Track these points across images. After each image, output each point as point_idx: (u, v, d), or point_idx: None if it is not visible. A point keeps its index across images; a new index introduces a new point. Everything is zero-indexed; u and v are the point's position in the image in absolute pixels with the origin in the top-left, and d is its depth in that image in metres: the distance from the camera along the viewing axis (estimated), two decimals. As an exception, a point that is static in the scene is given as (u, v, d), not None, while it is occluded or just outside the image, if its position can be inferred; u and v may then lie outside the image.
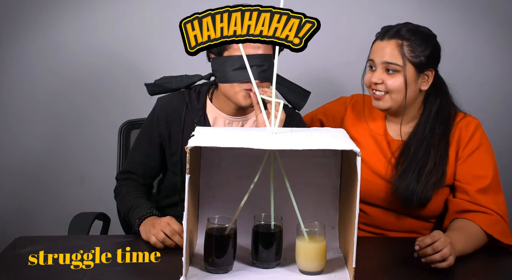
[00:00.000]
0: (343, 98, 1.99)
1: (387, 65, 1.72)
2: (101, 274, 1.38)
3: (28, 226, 2.56)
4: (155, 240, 1.52)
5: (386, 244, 1.72)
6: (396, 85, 1.71)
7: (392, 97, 1.73)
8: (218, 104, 1.81)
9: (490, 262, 1.59)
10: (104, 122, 2.52)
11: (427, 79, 1.75)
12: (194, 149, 1.22)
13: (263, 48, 1.67)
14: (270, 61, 1.69)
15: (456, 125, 1.76)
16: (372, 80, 1.74)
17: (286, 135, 1.31)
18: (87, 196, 2.56)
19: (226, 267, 1.35)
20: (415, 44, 1.71)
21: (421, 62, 1.72)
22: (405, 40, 1.71)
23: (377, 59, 1.74)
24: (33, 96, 2.50)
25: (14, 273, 1.37)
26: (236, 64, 1.66)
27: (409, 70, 1.71)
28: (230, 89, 1.71)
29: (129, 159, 1.87)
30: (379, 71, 1.74)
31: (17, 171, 2.55)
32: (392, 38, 1.72)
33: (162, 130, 1.80)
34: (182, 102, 1.81)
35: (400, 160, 1.76)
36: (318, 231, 1.36)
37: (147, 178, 1.85)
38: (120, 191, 1.80)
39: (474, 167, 1.71)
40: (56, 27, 2.46)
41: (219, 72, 1.71)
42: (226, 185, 1.47)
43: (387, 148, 1.81)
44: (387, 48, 1.72)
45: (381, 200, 1.79)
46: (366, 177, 1.77)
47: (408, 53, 1.70)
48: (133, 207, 1.70)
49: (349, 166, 1.35)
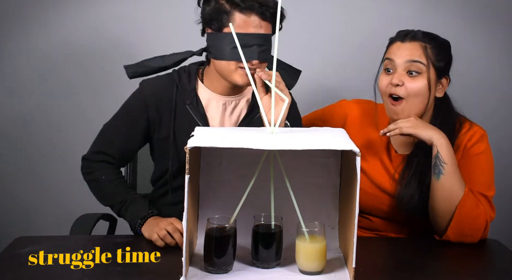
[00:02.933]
0: (344, 103, 1.91)
1: (410, 65, 1.65)
2: (101, 274, 1.38)
3: (28, 226, 2.56)
4: (156, 237, 1.53)
5: (386, 244, 1.72)
6: (418, 88, 1.65)
7: (409, 103, 1.66)
8: (210, 84, 1.75)
9: (490, 262, 1.59)
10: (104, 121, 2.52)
11: (442, 87, 1.71)
12: (194, 149, 1.22)
13: (264, 28, 1.62)
14: (269, 41, 1.64)
15: (461, 136, 1.70)
16: (392, 81, 1.66)
17: (286, 136, 1.31)
18: (87, 196, 2.55)
19: (226, 267, 1.35)
20: (437, 49, 1.67)
21: (441, 68, 1.68)
22: (427, 43, 1.67)
23: (398, 59, 1.67)
24: (31, 95, 2.50)
25: (14, 273, 1.37)
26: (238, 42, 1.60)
27: (431, 74, 1.66)
28: (226, 67, 1.64)
29: (105, 141, 1.78)
30: (399, 72, 1.67)
31: (17, 170, 2.55)
32: (416, 40, 1.67)
33: (151, 114, 1.73)
34: (172, 84, 1.74)
35: (404, 173, 1.72)
36: (318, 231, 1.36)
37: (123, 161, 1.82)
38: (98, 176, 1.74)
39: (470, 168, 1.67)
40: (49, 25, 2.46)
41: (216, 49, 1.65)
42: (226, 185, 1.47)
43: (389, 161, 1.77)
44: (411, 49, 1.66)
45: (384, 213, 1.77)
46: (368, 190, 1.76)
47: (431, 56, 1.66)
48: (127, 201, 1.68)
49: (349, 166, 1.35)
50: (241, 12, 1.60)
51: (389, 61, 1.70)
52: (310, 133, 1.39)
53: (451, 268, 1.46)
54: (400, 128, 1.62)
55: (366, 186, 1.77)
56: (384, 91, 1.71)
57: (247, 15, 1.60)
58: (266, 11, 1.60)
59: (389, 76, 1.69)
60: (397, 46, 1.70)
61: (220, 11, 1.62)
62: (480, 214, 1.60)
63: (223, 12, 1.61)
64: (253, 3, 1.60)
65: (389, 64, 1.69)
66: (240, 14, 1.60)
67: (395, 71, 1.68)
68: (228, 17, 1.61)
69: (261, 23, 1.62)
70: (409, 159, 1.73)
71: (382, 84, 1.71)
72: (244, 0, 1.60)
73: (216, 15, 1.63)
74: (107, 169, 1.76)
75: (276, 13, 1.43)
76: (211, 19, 1.64)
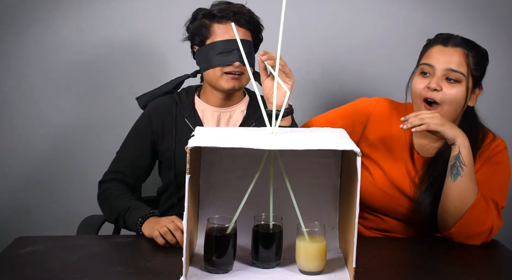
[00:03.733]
0: (367, 101, 1.85)
1: (449, 73, 1.62)
2: (101, 274, 1.38)
3: (28, 226, 2.56)
4: (157, 234, 1.53)
5: (386, 244, 1.71)
6: (455, 95, 1.62)
7: (444, 109, 1.63)
8: (205, 98, 1.89)
9: (490, 262, 1.59)
10: (104, 122, 2.52)
11: (475, 96, 1.69)
12: (194, 149, 1.22)
13: (241, 34, 1.76)
14: (249, 46, 1.78)
15: (486, 145, 1.69)
16: (430, 85, 1.62)
17: (286, 135, 1.31)
18: (88, 196, 2.55)
19: (226, 267, 1.35)
20: (478, 58, 1.65)
21: (478, 77, 1.66)
22: (469, 50, 1.64)
23: (439, 65, 1.63)
24: (33, 97, 2.50)
25: (14, 273, 1.37)
26: (219, 49, 1.76)
27: (469, 83, 1.63)
28: (213, 75, 1.79)
29: (117, 160, 1.87)
30: (439, 77, 1.63)
31: (17, 171, 2.55)
32: (459, 46, 1.64)
33: (155, 127, 1.85)
34: (173, 101, 1.88)
35: (424, 178, 1.70)
36: (318, 231, 1.36)
37: (135, 178, 1.85)
38: (110, 193, 1.77)
39: (488, 174, 1.65)
40: (55, 26, 2.46)
41: (203, 61, 1.80)
42: (226, 185, 1.47)
43: (411, 163, 1.75)
44: (454, 56, 1.63)
45: (402, 215, 1.75)
46: (388, 192, 1.74)
47: (472, 64, 1.63)
48: (131, 207, 1.69)
49: (349, 166, 1.35)
50: (219, 22, 1.78)
51: (427, 66, 1.66)
52: (310, 133, 1.39)
53: (451, 268, 1.46)
54: (428, 124, 1.56)
55: (385, 187, 1.75)
56: (418, 94, 1.67)
57: (224, 24, 1.78)
58: (241, 18, 1.77)
59: (426, 79, 1.66)
60: (438, 50, 1.66)
61: (201, 26, 1.80)
62: (487, 220, 1.59)
63: (203, 26, 1.80)
64: (228, 12, 1.77)
65: (427, 68, 1.66)
66: (218, 24, 1.78)
67: (433, 75, 1.64)
68: (208, 29, 1.79)
69: (238, 30, 1.74)
70: (431, 163, 1.71)
71: (418, 87, 1.67)
72: (220, 11, 1.78)
73: (198, 31, 1.81)
74: (119, 186, 1.80)
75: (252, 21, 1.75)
76: (194, 35, 1.83)
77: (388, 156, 1.76)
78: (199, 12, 1.83)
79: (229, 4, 1.82)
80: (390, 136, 1.78)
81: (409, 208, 1.73)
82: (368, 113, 1.81)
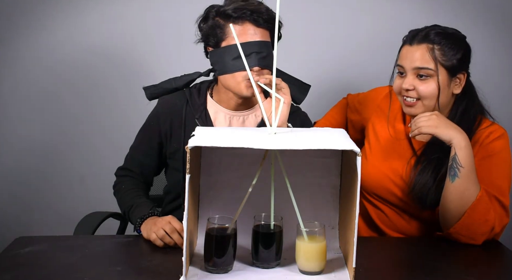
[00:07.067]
0: (380, 89, 1.94)
1: (418, 70, 1.66)
2: (101, 274, 1.38)
3: (28, 226, 2.57)
4: (155, 237, 1.52)
5: (386, 244, 1.72)
6: (428, 91, 1.66)
7: (424, 104, 1.67)
8: (218, 99, 1.79)
9: (491, 262, 1.59)
10: (104, 121, 2.53)
11: (460, 83, 1.70)
12: (194, 148, 1.22)
13: (260, 34, 1.64)
14: (268, 48, 1.66)
15: (480, 132, 1.70)
16: (403, 86, 1.68)
17: (286, 135, 1.31)
18: (88, 196, 2.56)
19: (226, 267, 1.35)
20: (447, 47, 1.66)
21: (454, 66, 1.66)
22: (435, 43, 1.66)
23: (407, 65, 1.68)
24: (33, 96, 2.51)
25: (14, 273, 1.37)
26: (235, 53, 1.62)
27: (441, 75, 1.65)
28: (231, 80, 1.68)
29: (129, 156, 1.86)
30: (410, 77, 1.68)
31: (17, 170, 2.55)
32: (422, 43, 1.67)
33: (164, 127, 1.79)
34: (183, 99, 1.79)
35: (420, 159, 1.73)
36: (318, 231, 1.35)
37: (144, 176, 1.85)
38: (120, 188, 1.80)
39: (489, 168, 1.65)
40: (52, 26, 2.46)
41: (219, 64, 1.69)
42: (226, 185, 1.47)
43: (409, 147, 1.78)
44: (417, 53, 1.66)
45: (396, 199, 1.77)
46: (385, 172, 1.77)
47: (440, 57, 1.65)
48: (133, 205, 1.69)
49: (349, 166, 1.35)
50: (234, 22, 1.63)
51: (400, 67, 1.72)
52: (310, 133, 1.39)
53: (451, 268, 1.46)
54: (420, 128, 1.62)
55: (382, 167, 1.79)
56: (398, 93, 1.74)
57: (240, 25, 1.64)
58: (259, 17, 1.63)
59: (402, 79, 1.71)
60: (405, 50, 1.70)
61: (215, 26, 1.67)
62: (489, 220, 1.59)
63: (218, 26, 1.67)
64: (244, 11, 1.63)
65: (401, 68, 1.72)
66: (234, 25, 1.62)
67: (406, 75, 1.69)
68: (223, 30, 1.66)
69: (256, 31, 1.64)
70: (427, 146, 1.74)
71: (396, 88, 1.73)
72: (235, 11, 1.63)
73: (212, 31, 1.68)
74: (128, 181, 1.81)
75: (270, 20, 1.48)
76: (208, 36, 1.70)
77: (386, 140, 1.82)
78: (211, 9, 1.70)
79: (245, 1, 1.67)
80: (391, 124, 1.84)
81: (403, 192, 1.75)
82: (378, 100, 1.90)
